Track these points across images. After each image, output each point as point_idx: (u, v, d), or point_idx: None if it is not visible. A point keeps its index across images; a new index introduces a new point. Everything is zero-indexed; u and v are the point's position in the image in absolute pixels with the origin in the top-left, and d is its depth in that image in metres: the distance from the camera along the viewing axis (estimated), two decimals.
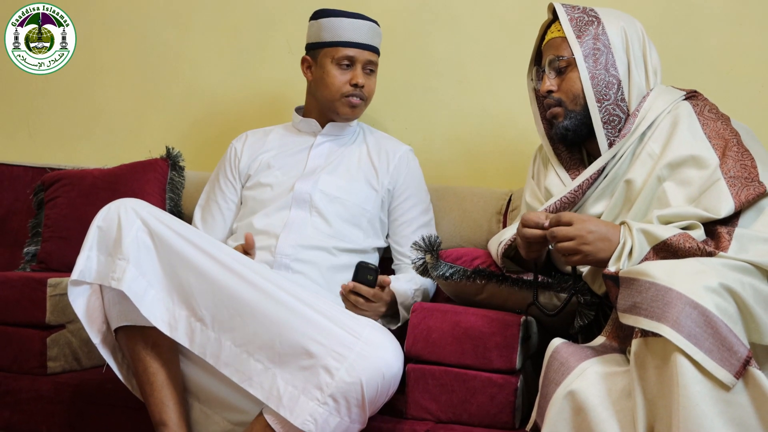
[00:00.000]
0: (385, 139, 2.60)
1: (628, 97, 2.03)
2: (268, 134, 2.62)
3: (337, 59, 2.45)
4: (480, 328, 2.00)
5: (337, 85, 2.46)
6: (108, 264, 1.99)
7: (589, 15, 2.08)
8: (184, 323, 1.98)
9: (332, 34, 2.46)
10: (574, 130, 2.08)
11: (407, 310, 2.28)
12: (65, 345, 2.40)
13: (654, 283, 1.58)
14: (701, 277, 1.58)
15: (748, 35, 2.56)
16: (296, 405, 1.89)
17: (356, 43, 2.45)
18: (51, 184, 2.85)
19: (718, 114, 1.99)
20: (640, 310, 1.59)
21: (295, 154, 2.54)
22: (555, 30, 2.11)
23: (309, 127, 2.57)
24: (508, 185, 2.67)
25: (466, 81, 2.83)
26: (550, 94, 2.09)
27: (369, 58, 2.48)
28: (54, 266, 2.71)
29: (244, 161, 2.56)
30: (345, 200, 2.44)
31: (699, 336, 1.51)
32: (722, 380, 1.50)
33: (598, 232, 1.81)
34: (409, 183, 2.53)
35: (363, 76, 2.46)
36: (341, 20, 2.45)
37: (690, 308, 1.52)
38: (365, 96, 2.49)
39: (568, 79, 2.06)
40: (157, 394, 2.02)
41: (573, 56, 2.04)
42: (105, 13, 3.17)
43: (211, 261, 1.98)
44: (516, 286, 2.07)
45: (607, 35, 2.05)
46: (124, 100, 3.18)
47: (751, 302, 1.58)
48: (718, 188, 1.84)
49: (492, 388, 1.98)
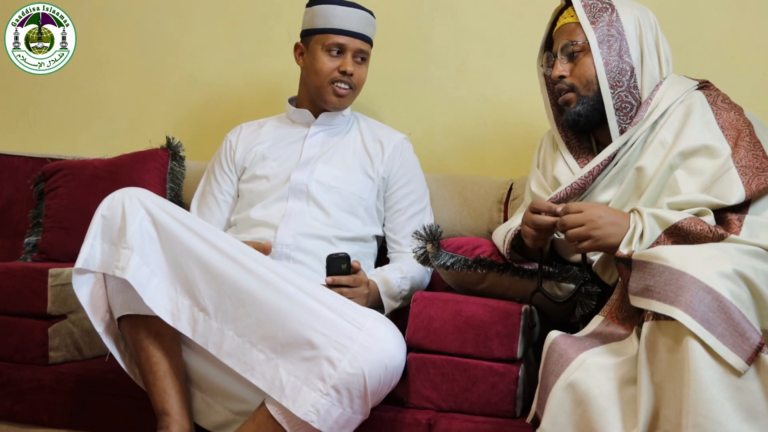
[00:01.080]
0: (380, 127, 2.60)
1: (641, 85, 2.04)
2: (263, 126, 2.62)
3: (327, 46, 2.45)
4: (481, 317, 2.00)
5: (325, 72, 2.46)
6: (112, 253, 1.99)
7: (603, 2, 2.08)
8: (186, 313, 1.98)
9: (324, 21, 2.46)
10: (586, 116, 2.08)
11: (393, 299, 2.30)
12: (67, 335, 2.41)
13: (668, 266, 1.59)
14: (715, 262, 1.58)
15: (748, 24, 2.56)
16: (298, 396, 1.89)
17: (347, 30, 2.45)
18: (51, 174, 2.85)
19: (731, 104, 2.00)
20: (653, 293, 1.59)
21: (290, 145, 2.54)
22: (568, 16, 2.11)
23: (302, 118, 2.57)
24: (508, 174, 2.67)
25: (466, 70, 2.83)
26: (562, 80, 2.09)
27: (359, 47, 2.47)
28: (55, 256, 2.71)
29: (239, 153, 2.57)
30: (341, 189, 2.44)
31: (712, 321, 1.51)
32: (734, 366, 1.50)
33: (608, 217, 1.83)
34: (403, 171, 2.53)
35: (352, 65, 2.46)
36: (334, 8, 2.45)
37: (704, 293, 1.53)
38: (354, 84, 2.49)
39: (582, 65, 2.06)
40: (159, 384, 2.03)
41: (587, 42, 2.04)
42: (105, 4, 3.16)
43: (214, 251, 1.98)
44: (517, 276, 2.07)
45: (621, 22, 2.05)
46: (125, 90, 3.17)
47: (764, 288, 1.58)
48: (729, 177, 1.85)
49: (493, 377, 1.99)
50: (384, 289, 2.29)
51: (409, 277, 2.36)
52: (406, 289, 2.35)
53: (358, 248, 2.43)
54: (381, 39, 2.79)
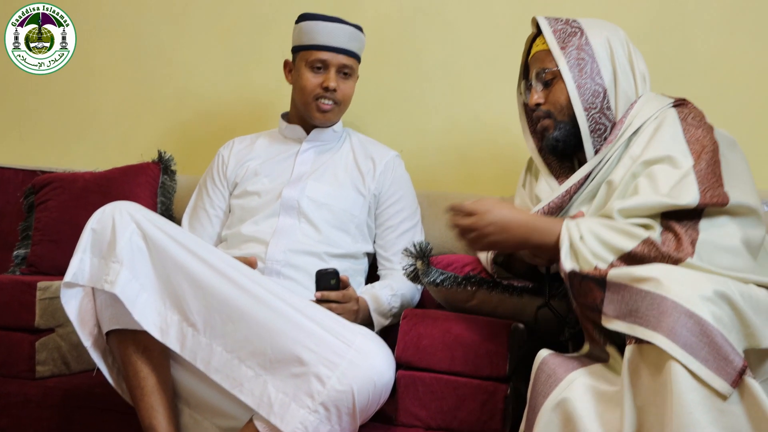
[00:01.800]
0: (372, 144, 2.60)
1: (615, 105, 2.05)
2: (255, 141, 2.62)
3: (310, 62, 2.46)
4: (470, 335, 2.00)
5: (309, 88, 2.46)
6: (101, 267, 1.99)
7: (572, 26, 2.10)
8: (175, 328, 1.97)
9: (308, 37, 2.47)
10: (564, 141, 2.09)
11: (383, 316, 2.30)
12: (54, 349, 2.40)
13: (648, 291, 1.58)
14: (696, 284, 1.58)
15: (740, 43, 2.57)
16: (287, 412, 1.88)
17: (328, 46, 2.45)
18: (42, 186, 2.84)
19: (701, 122, 1.99)
20: (634, 318, 1.58)
21: (282, 161, 2.54)
22: (540, 43, 2.13)
23: (294, 134, 2.57)
24: (500, 192, 2.67)
25: (459, 87, 2.83)
26: (538, 107, 2.11)
27: (343, 62, 2.47)
28: (44, 269, 2.70)
29: (231, 168, 2.57)
30: (332, 206, 2.44)
31: (695, 345, 1.51)
32: (719, 390, 1.49)
33: (498, 224, 1.87)
34: (395, 188, 2.53)
35: (336, 80, 2.46)
36: (316, 24, 2.46)
37: (685, 317, 1.52)
38: (338, 100, 2.49)
39: (555, 91, 2.08)
40: (147, 399, 2.02)
41: (558, 68, 2.06)
42: (98, 16, 3.16)
43: (204, 266, 1.97)
44: (507, 293, 2.08)
45: (590, 45, 2.06)
46: (117, 103, 3.17)
47: (744, 307, 1.58)
48: (687, 181, 1.84)
49: (482, 395, 1.98)
50: (374, 306, 2.29)
51: (399, 294, 2.36)
52: (396, 306, 2.34)
53: (348, 265, 2.43)
54: (374, 55, 2.80)
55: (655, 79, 2.18)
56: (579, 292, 1.74)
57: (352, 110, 2.69)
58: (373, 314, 2.29)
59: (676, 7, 2.63)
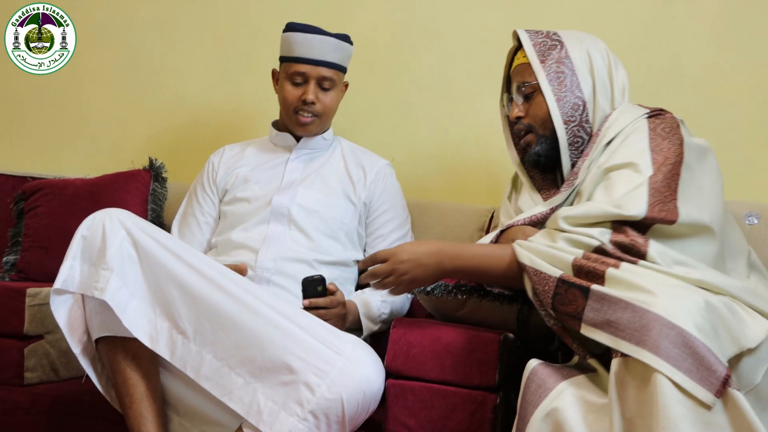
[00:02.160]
0: (363, 152, 2.60)
1: (593, 119, 2.06)
2: (246, 148, 2.62)
3: (289, 75, 2.46)
4: (460, 345, 2.00)
5: (289, 101, 2.46)
6: (91, 274, 1.98)
7: (552, 39, 2.11)
8: (165, 335, 1.97)
9: (288, 49, 2.46)
10: (545, 155, 2.10)
11: (372, 321, 2.31)
12: (43, 356, 2.39)
13: (630, 303, 1.59)
14: (677, 295, 1.59)
15: (730, 58, 2.59)
16: (276, 420, 1.89)
17: (307, 58, 2.44)
18: (32, 193, 2.83)
19: (671, 133, 1.97)
20: (618, 332, 1.59)
21: (272, 168, 2.54)
22: (521, 56, 2.14)
23: (284, 141, 2.57)
24: (490, 202, 2.68)
25: (450, 97, 2.84)
26: (519, 121, 2.12)
27: (322, 74, 2.45)
28: (33, 276, 2.69)
29: (221, 175, 2.57)
30: (323, 213, 2.44)
31: (678, 357, 1.52)
32: (703, 400, 1.50)
33: (413, 260, 1.92)
34: (385, 197, 2.53)
35: (315, 93, 2.44)
36: (296, 35, 2.44)
37: (668, 329, 1.53)
38: (318, 112, 2.47)
39: (535, 104, 2.09)
40: (136, 406, 2.01)
41: (537, 82, 2.07)
42: (89, 23, 3.16)
43: (194, 273, 1.97)
44: (497, 302, 2.08)
45: (570, 58, 2.07)
46: (108, 110, 3.17)
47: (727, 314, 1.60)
48: (639, 192, 1.83)
49: (471, 405, 1.98)
50: (364, 311, 2.30)
51: (389, 301, 2.36)
52: (386, 312, 2.35)
53: (338, 273, 2.43)
54: (366, 64, 2.81)
55: (645, 92, 2.21)
56: (563, 300, 1.74)
57: (344, 118, 2.70)
58: (362, 318, 2.29)
59: (665, 22, 2.65)
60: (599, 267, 1.71)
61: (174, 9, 3.11)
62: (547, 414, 1.66)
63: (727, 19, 2.60)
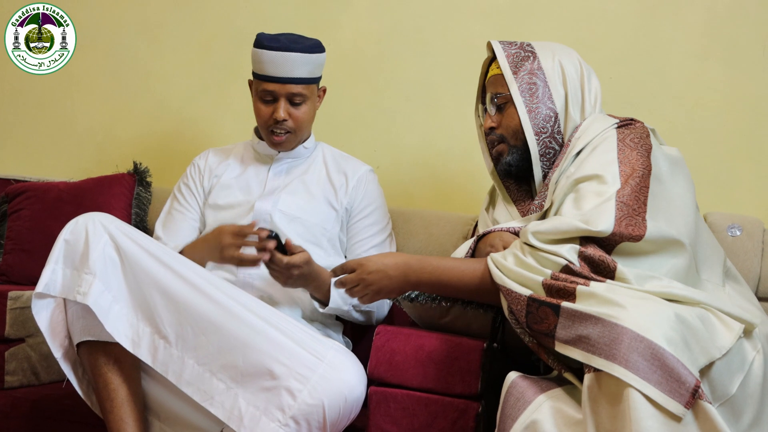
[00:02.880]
0: (345, 159, 2.58)
1: (564, 130, 2.07)
2: (230, 153, 2.60)
3: (259, 93, 2.42)
4: (443, 353, 2.00)
5: (262, 118, 2.43)
6: (74, 278, 1.98)
7: (526, 50, 2.12)
8: (147, 340, 1.97)
9: (256, 66, 2.42)
10: (516, 165, 2.12)
11: (343, 301, 2.28)
12: (24, 359, 2.38)
13: (600, 318, 1.59)
14: (646, 307, 1.60)
15: (712, 70, 2.61)
16: (257, 426, 1.88)
17: (274, 77, 2.38)
18: (15, 196, 2.82)
19: (639, 143, 1.96)
20: (589, 347, 1.59)
21: (255, 175, 2.52)
22: (495, 67, 2.16)
23: (266, 150, 2.54)
24: (474, 210, 2.69)
25: (434, 105, 2.85)
26: (492, 131, 2.14)
27: (291, 91, 2.39)
28: (15, 279, 2.68)
29: (206, 178, 2.55)
30: (305, 220, 2.43)
31: (647, 369, 1.52)
32: (673, 411, 1.50)
33: (379, 272, 1.95)
34: (367, 202, 2.52)
35: (285, 110, 2.39)
36: (262, 53, 2.38)
37: (637, 342, 1.53)
38: (291, 128, 2.43)
39: (507, 115, 2.11)
40: (116, 411, 2.01)
41: (510, 93, 2.08)
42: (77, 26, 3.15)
43: (177, 278, 1.97)
44: (481, 309, 2.08)
45: (542, 69, 2.09)
46: (93, 114, 3.16)
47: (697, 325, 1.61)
48: (606, 207, 1.82)
49: (453, 413, 1.98)
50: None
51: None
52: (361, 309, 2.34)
53: None
54: (351, 72, 2.82)
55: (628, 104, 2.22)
56: (535, 318, 1.73)
57: (328, 126, 2.70)
58: (333, 290, 2.25)
59: (650, 35, 2.66)
60: (569, 285, 1.71)
61: (160, 14, 3.11)
62: (525, 427, 1.66)
63: (710, 32, 2.62)
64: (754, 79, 2.58)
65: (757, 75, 2.57)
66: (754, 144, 2.59)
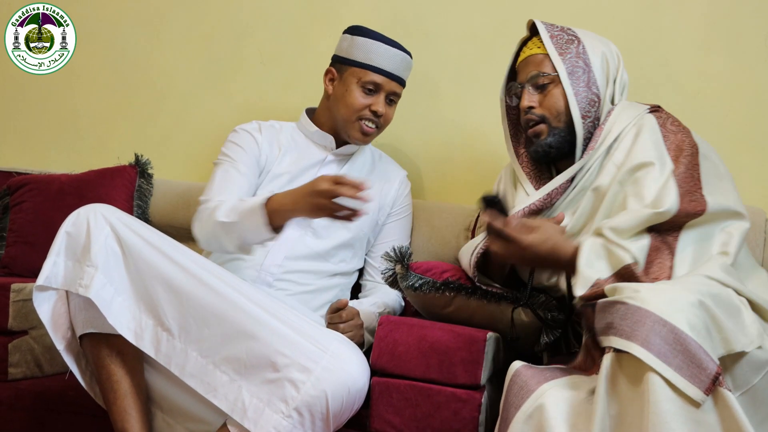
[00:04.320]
0: (385, 160, 2.60)
1: (601, 116, 2.07)
2: (280, 133, 2.51)
3: (363, 82, 2.39)
4: (446, 343, 2.00)
5: (356, 107, 2.40)
6: (75, 270, 1.98)
7: (569, 34, 2.11)
8: (150, 332, 1.97)
9: (365, 55, 2.40)
10: (557, 148, 2.09)
11: (372, 335, 2.26)
12: (27, 351, 2.38)
13: (624, 302, 1.60)
14: (671, 293, 1.60)
15: (715, 60, 2.60)
16: (260, 417, 1.88)
17: (386, 71, 2.40)
18: (17, 188, 2.82)
19: (680, 127, 2.03)
20: (611, 329, 1.60)
21: (306, 170, 2.45)
22: (534, 47, 2.13)
23: (324, 141, 2.50)
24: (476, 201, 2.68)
25: (437, 96, 2.84)
26: (531, 111, 2.10)
27: (394, 89, 2.43)
28: (18, 271, 2.68)
29: (264, 156, 2.45)
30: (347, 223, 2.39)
31: (668, 353, 1.52)
32: (693, 397, 1.51)
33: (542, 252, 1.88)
34: (402, 208, 2.55)
35: (384, 105, 2.41)
36: (378, 44, 2.40)
37: (659, 326, 1.54)
38: (381, 124, 2.44)
39: (552, 96, 2.08)
40: (120, 403, 2.01)
41: (556, 73, 2.07)
42: (77, 19, 3.15)
43: (179, 270, 1.97)
44: (485, 299, 2.08)
45: (587, 54, 2.08)
46: (94, 106, 3.16)
47: (719, 314, 1.61)
48: (668, 186, 1.89)
49: (456, 404, 1.98)
50: (367, 323, 2.27)
51: (386, 312, 2.36)
52: None
53: (338, 281, 2.43)
54: None
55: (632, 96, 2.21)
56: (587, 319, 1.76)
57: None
58: (365, 332, 2.26)
59: (653, 25, 2.66)
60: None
61: (161, 6, 3.11)
62: (529, 416, 1.67)
63: (712, 23, 2.61)
64: (757, 70, 2.57)
65: (760, 65, 2.57)
66: (756, 134, 2.58)
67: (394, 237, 2.51)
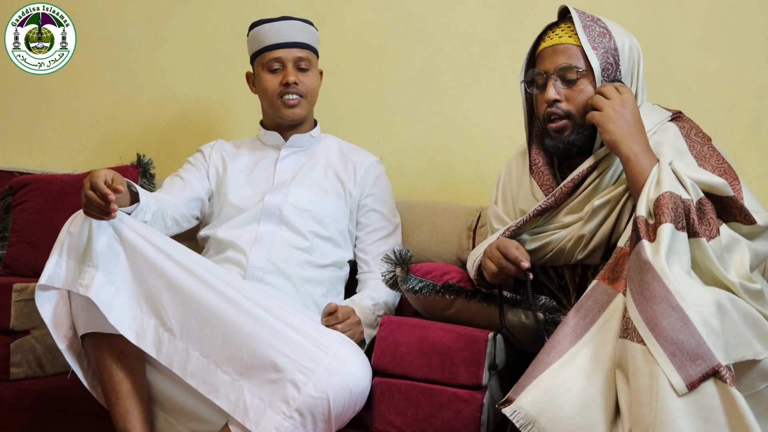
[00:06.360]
0: (352, 149, 2.58)
1: None
2: (239, 147, 2.60)
3: (266, 64, 2.45)
4: (447, 343, 2.00)
5: (271, 89, 2.45)
6: (77, 270, 1.98)
7: (599, 26, 1.99)
8: (152, 332, 1.97)
9: (258, 42, 2.47)
10: (579, 147, 2.00)
11: (371, 327, 2.28)
12: (29, 351, 2.38)
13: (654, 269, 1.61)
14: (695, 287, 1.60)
15: (717, 59, 2.60)
16: (262, 418, 1.89)
17: (278, 43, 2.44)
18: (19, 188, 2.82)
19: (704, 137, 1.99)
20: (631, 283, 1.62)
21: (263, 169, 2.52)
22: (564, 34, 2.00)
23: (273, 140, 2.55)
24: (478, 201, 2.69)
25: (439, 95, 2.84)
26: (556, 104, 1.98)
27: (297, 55, 2.45)
28: (20, 271, 2.68)
29: (212, 169, 2.54)
30: (315, 212, 2.42)
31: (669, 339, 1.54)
32: (674, 386, 1.51)
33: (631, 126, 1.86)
34: (375, 193, 2.52)
35: (294, 74, 2.44)
36: (263, 26, 2.46)
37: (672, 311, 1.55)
38: (302, 92, 2.46)
39: (582, 93, 1.96)
40: (121, 403, 2.01)
41: (590, 69, 1.96)
42: (78, 18, 3.15)
43: (181, 270, 1.97)
44: (485, 302, 2.08)
45: (618, 51, 1.97)
46: (96, 106, 3.16)
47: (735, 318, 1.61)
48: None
49: (458, 404, 1.98)
50: (362, 317, 2.27)
51: (381, 303, 2.35)
52: (381, 314, 2.33)
53: (330, 273, 2.42)
54: (355, 62, 2.81)
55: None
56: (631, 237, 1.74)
57: (332, 116, 2.70)
58: (363, 327, 2.26)
59: (654, 24, 2.65)
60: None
61: (164, 4, 3.11)
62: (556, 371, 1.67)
63: (714, 22, 2.61)
64: (759, 69, 2.57)
65: (762, 65, 2.56)
66: (758, 134, 2.58)
67: (376, 225, 2.50)
